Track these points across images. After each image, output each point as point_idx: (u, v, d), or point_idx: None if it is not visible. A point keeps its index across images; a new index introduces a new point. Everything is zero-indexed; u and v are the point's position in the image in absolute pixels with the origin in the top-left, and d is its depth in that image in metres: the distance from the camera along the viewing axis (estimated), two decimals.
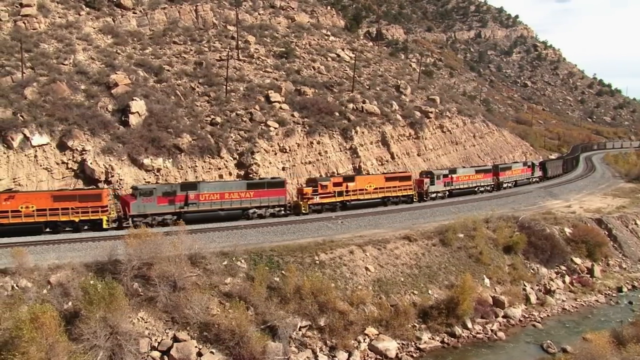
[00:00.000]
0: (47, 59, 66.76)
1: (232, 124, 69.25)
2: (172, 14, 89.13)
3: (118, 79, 66.11)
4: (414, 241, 49.58)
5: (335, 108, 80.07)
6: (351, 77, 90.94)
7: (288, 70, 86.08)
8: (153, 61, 75.87)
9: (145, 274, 37.36)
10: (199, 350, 34.33)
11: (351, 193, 62.22)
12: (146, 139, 60.80)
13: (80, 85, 64.63)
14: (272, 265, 41.51)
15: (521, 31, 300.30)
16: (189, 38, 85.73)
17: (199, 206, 53.06)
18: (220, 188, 54.85)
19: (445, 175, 74.01)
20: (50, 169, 55.39)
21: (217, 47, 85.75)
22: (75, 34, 74.72)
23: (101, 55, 72.32)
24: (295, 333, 37.30)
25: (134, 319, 34.77)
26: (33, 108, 57.88)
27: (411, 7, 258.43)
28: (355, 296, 40.91)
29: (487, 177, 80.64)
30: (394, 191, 66.67)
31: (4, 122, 55.08)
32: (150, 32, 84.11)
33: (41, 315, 29.19)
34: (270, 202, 56.93)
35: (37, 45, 69.15)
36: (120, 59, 73.36)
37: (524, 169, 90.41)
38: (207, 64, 79.41)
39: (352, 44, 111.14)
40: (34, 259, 37.20)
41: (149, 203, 51.04)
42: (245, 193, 55.65)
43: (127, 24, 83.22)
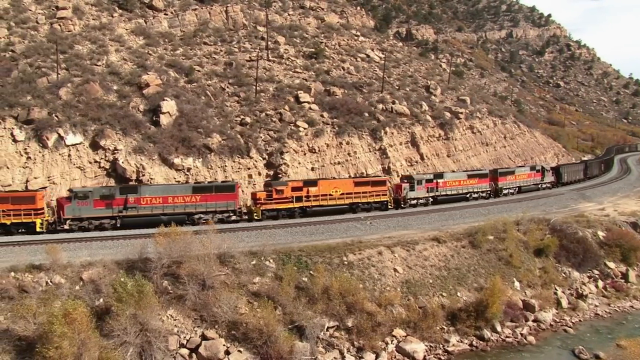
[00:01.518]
0: (81, 60, 68.03)
1: (261, 124, 69.60)
2: (202, 15, 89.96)
3: (149, 79, 66.99)
4: (443, 243, 49.06)
5: (365, 108, 79.88)
6: (381, 77, 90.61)
7: (317, 70, 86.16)
8: (184, 62, 76.69)
9: (174, 272, 37.69)
10: (227, 349, 34.46)
11: (312, 199, 57.30)
12: (176, 138, 61.49)
13: (112, 85, 65.69)
14: (300, 265, 41.46)
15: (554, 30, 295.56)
16: (219, 39, 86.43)
17: (139, 210, 50.24)
18: (163, 192, 51.74)
19: (429, 180, 67.46)
20: (83, 168, 56.45)
21: (247, 48, 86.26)
22: (108, 35, 76.02)
23: (133, 56, 73.40)
24: (322, 333, 37.21)
25: (163, 317, 35.09)
26: (67, 108, 59.11)
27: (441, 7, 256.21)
28: (383, 297, 40.65)
29: (483, 182, 73.22)
30: (365, 197, 60.80)
31: (40, 122, 56.41)
32: (181, 33, 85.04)
33: (73, 311, 29.73)
34: (218, 207, 53.21)
35: (72, 47, 70.47)
36: (152, 59, 74.32)
37: (532, 174, 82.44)
38: (237, 64, 79.95)
39: (381, 45, 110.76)
40: (67, 256, 37.86)
41: (85, 206, 48.65)
42: (191, 197, 52.25)
43: (158, 25, 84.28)
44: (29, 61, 65.48)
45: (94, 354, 29.90)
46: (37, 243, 41.72)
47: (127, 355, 31.27)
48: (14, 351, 31.03)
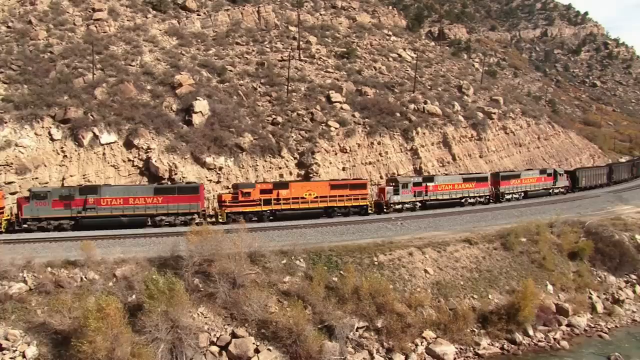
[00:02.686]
0: (116, 61, 69.20)
1: (293, 123, 69.85)
2: (234, 15, 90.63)
3: (182, 79, 67.77)
4: (474, 244, 48.49)
5: (396, 108, 79.51)
6: (412, 77, 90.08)
7: (349, 70, 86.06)
8: (216, 62, 77.38)
9: (205, 270, 38.01)
10: (257, 347, 34.60)
11: (282, 202, 55.02)
12: (209, 138, 62.11)
13: (146, 85, 66.68)
14: (330, 265, 41.45)
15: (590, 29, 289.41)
16: (251, 39, 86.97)
17: (98, 211, 49.18)
18: (124, 192, 50.65)
19: (417, 184, 63.23)
20: (117, 167, 57.45)
21: (278, 48, 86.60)
22: (142, 36, 77.16)
23: (166, 57, 74.35)
24: (352, 333, 37.10)
25: (194, 314, 35.44)
26: (102, 108, 60.25)
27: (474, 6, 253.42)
28: (413, 298, 40.33)
29: (482, 186, 68.58)
30: (342, 201, 57.83)
31: (76, 121, 57.64)
32: (213, 33, 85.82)
33: (106, 306, 30.29)
34: (180, 209, 51.62)
35: (107, 48, 71.71)
36: (185, 59, 75.15)
37: (541, 178, 76.39)
38: (268, 64, 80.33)
39: (413, 44, 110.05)
40: (101, 252, 38.48)
41: (43, 207, 47.79)
42: (153, 199, 50.85)
43: (191, 26, 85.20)
44: (66, 62, 66.90)
45: (126, 349, 30.38)
46: (72, 240, 42.54)
47: (158, 352, 31.66)
48: (50, 344, 31.87)
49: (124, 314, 31.67)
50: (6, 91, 60.51)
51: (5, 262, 35.49)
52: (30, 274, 35.66)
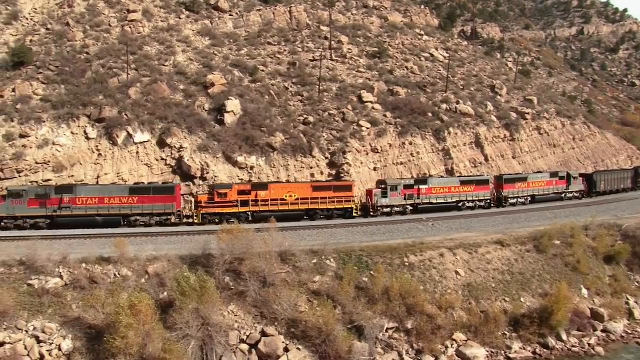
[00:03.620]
0: (150, 61, 70.19)
1: (324, 123, 69.83)
2: (266, 15, 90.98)
3: (215, 79, 68.38)
4: (506, 246, 47.78)
5: (428, 108, 78.88)
6: (445, 77, 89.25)
7: (381, 70, 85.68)
8: (248, 62, 77.80)
9: (236, 269, 38.32)
10: (286, 346, 34.78)
11: (261, 203, 53.32)
12: (240, 137, 62.55)
13: (179, 85, 67.47)
14: (361, 265, 41.35)
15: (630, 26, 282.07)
16: (283, 39, 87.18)
17: (73, 210, 49.04)
18: (99, 192, 50.34)
19: (408, 186, 60.36)
20: (151, 165, 58.29)
21: (310, 48, 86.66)
22: (176, 36, 78.07)
23: (199, 57, 75.07)
24: (381, 334, 37.00)
25: (224, 312, 35.76)
26: (136, 107, 61.26)
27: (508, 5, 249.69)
28: (444, 300, 39.98)
29: (482, 190, 65.00)
30: (325, 203, 55.70)
31: (111, 121, 58.75)
32: (245, 33, 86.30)
33: (139, 303, 30.82)
34: (155, 210, 50.93)
35: (141, 48, 72.79)
36: (217, 59, 75.76)
37: (552, 181, 71.69)
38: (300, 64, 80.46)
39: (446, 44, 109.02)
40: (134, 250, 39.18)
41: (19, 205, 48.07)
42: (128, 199, 50.26)
43: (223, 26, 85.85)
44: (102, 62, 68.14)
45: (158, 346, 30.85)
46: (106, 237, 43.26)
47: (189, 349, 32.07)
48: (84, 338, 32.65)
49: (156, 311, 32.28)
50: (44, 91, 62.02)
51: (43, 258, 36.54)
52: (66, 270, 36.57)
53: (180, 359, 30.90)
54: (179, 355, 30.84)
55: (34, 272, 36.14)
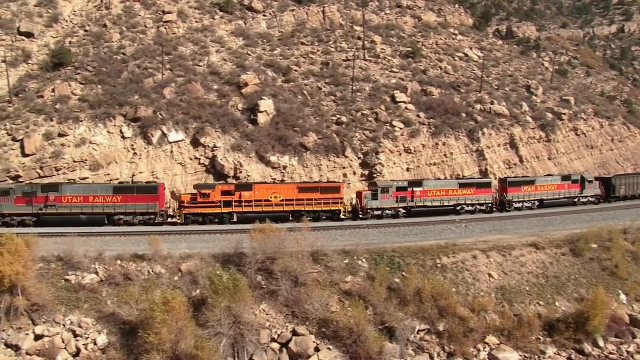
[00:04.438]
0: (184, 61, 71.06)
1: (357, 123, 69.67)
2: (300, 15, 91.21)
3: (248, 79, 68.83)
4: (541, 249, 46.83)
5: (462, 109, 78.02)
6: (479, 77, 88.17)
7: (414, 70, 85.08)
8: (281, 61, 78.09)
9: (268, 268, 38.48)
10: (317, 346, 34.79)
11: (244, 204, 52.27)
12: (273, 137, 62.82)
13: (213, 85, 68.11)
14: (392, 265, 41.11)
15: None
16: (316, 39, 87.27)
17: (58, 208, 49.55)
18: (83, 191, 50.50)
19: (401, 188, 57.61)
20: (184, 164, 58.98)
21: (343, 48, 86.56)
22: (210, 36, 78.86)
23: (233, 57, 75.68)
24: (412, 336, 36.70)
25: (256, 311, 35.95)
26: (170, 107, 62.09)
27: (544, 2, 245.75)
28: (476, 302, 39.40)
29: (483, 192, 61.30)
30: (310, 205, 53.97)
31: (146, 120, 59.69)
32: (279, 33, 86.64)
33: (172, 300, 31.25)
34: (138, 209, 50.72)
35: (176, 48, 73.77)
36: (251, 59, 76.24)
37: (563, 185, 66.56)
38: (333, 64, 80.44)
39: (480, 43, 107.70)
40: (168, 247, 39.71)
41: (6, 203, 48.97)
42: (112, 197, 50.33)
43: (257, 26, 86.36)
44: (137, 62, 69.27)
45: (190, 342, 31.21)
46: (140, 234, 43.91)
47: (220, 346, 32.34)
48: (119, 333, 33.35)
49: (188, 308, 32.67)
50: (82, 91, 63.41)
51: (79, 254, 37.45)
52: (101, 266, 37.35)
53: (212, 356, 31.17)
54: (211, 353, 31.12)
55: (71, 268, 37.12)
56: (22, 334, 33.19)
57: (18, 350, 32.45)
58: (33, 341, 32.96)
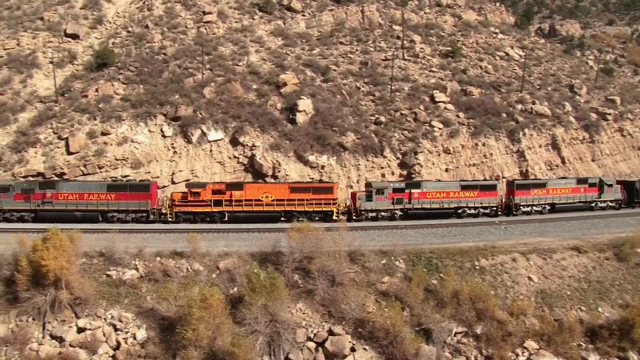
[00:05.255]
0: (224, 61, 71.83)
1: (396, 123, 69.24)
2: (339, 15, 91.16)
3: (287, 78, 69.12)
4: (583, 253, 45.52)
5: (503, 109, 76.72)
6: (520, 76, 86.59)
7: (454, 69, 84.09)
8: (320, 61, 78.19)
9: (305, 267, 38.51)
10: (353, 346, 34.64)
11: (235, 204, 51.80)
12: (312, 136, 62.94)
13: (252, 84, 68.65)
14: (430, 267, 40.67)
15: None
16: (355, 38, 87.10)
17: (54, 205, 50.44)
18: (79, 188, 51.34)
19: (397, 190, 55.75)
20: (223, 163, 59.61)
21: (382, 47, 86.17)
22: (249, 37, 79.58)
23: (272, 57, 76.13)
24: (450, 338, 36.21)
25: (292, 309, 36.00)
26: (210, 106, 62.87)
27: None
28: (515, 306, 38.60)
29: (487, 195, 58.55)
30: (302, 205, 52.71)
31: (186, 119, 60.53)
32: (317, 33, 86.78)
33: (210, 297, 31.55)
34: (130, 207, 51.11)
35: (216, 49, 74.63)
36: (290, 59, 76.55)
37: (579, 189, 62.39)
38: (372, 63, 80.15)
39: (522, 42, 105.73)
40: (206, 245, 40.13)
41: (6, 199, 50.37)
42: (106, 195, 50.93)
43: (296, 26, 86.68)
44: (178, 63, 70.38)
45: (227, 339, 31.49)
46: (179, 232, 44.51)
47: (257, 344, 32.53)
48: (158, 328, 33.94)
49: (226, 305, 32.91)
50: (124, 91, 64.75)
51: (120, 250, 38.18)
52: (141, 262, 38.03)
53: (248, 353, 31.32)
54: (247, 350, 31.27)
55: (112, 264, 37.88)
56: (65, 327, 34.12)
57: (62, 342, 33.43)
58: (76, 334, 33.86)
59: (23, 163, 57.50)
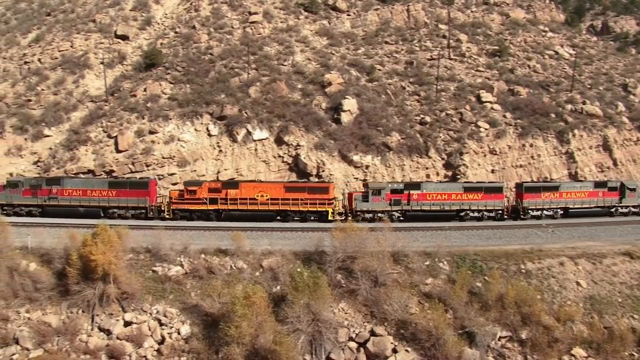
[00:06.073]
0: (269, 61, 72.40)
1: (441, 123, 68.42)
2: (384, 14, 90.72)
3: (332, 78, 69.16)
4: (636, 258, 43.83)
5: (551, 109, 74.89)
6: (570, 75, 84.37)
7: (501, 69, 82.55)
8: (365, 61, 77.96)
9: (348, 267, 38.42)
10: (395, 347, 34.40)
11: (230, 202, 51.84)
12: (356, 136, 62.80)
13: (297, 84, 68.94)
14: (475, 269, 40.04)
15: None
16: (400, 38, 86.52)
17: (59, 201, 52.26)
18: (82, 185, 53.02)
19: (395, 191, 54.10)
20: (268, 162, 60.03)
21: (428, 47, 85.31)
22: (294, 36, 80.00)
23: (317, 56, 76.32)
24: (494, 343, 35.54)
25: (334, 309, 35.95)
26: (256, 105, 63.41)
27: None
28: (562, 311, 37.56)
29: (493, 198, 55.86)
30: (296, 205, 52.24)
31: (231, 118, 61.25)
32: (363, 32, 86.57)
33: (253, 295, 31.82)
34: (129, 203, 52.24)
35: (261, 48, 75.32)
36: (335, 59, 76.58)
37: (597, 193, 58.74)
38: (417, 63, 79.46)
39: (572, 40, 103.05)
40: (250, 243, 40.47)
41: (15, 194, 52.46)
42: (107, 192, 52.35)
43: (341, 26, 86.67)
44: (224, 62, 71.31)
45: (269, 337, 31.67)
46: (224, 229, 45.03)
47: (298, 342, 32.63)
48: (201, 324, 34.52)
49: (268, 304, 33.10)
50: (172, 90, 65.96)
51: (166, 247, 38.93)
52: (186, 259, 38.65)
53: (290, 352, 31.40)
54: (289, 348, 31.35)
55: (158, 260, 38.63)
56: (113, 320, 35.02)
57: (110, 334, 34.36)
58: (123, 327, 34.72)
59: (75, 160, 59.26)
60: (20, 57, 79.53)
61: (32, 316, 35.19)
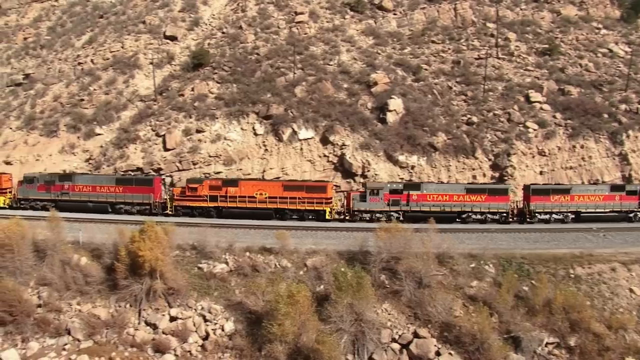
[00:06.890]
0: (315, 60, 72.56)
1: (488, 124, 67.26)
2: (431, 13, 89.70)
3: (378, 78, 68.85)
4: None
5: (604, 109, 72.67)
6: (625, 74, 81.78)
7: (551, 68, 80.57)
8: (411, 60, 77.31)
9: (392, 268, 38.19)
10: (438, 350, 33.99)
11: (230, 200, 52.51)
12: (402, 136, 62.37)
13: (342, 84, 68.88)
14: (521, 273, 39.19)
15: None
16: (447, 37, 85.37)
17: (71, 196, 54.43)
18: (92, 181, 55.05)
19: (394, 191, 53.20)
20: (313, 161, 60.19)
21: (475, 46, 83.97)
22: (340, 36, 79.90)
23: (363, 56, 76.08)
24: (540, 349, 34.65)
25: (378, 310, 35.79)
26: (301, 105, 63.75)
27: None
28: (614, 319, 36.33)
29: (497, 200, 54.42)
30: (294, 204, 52.27)
31: (277, 118, 61.71)
32: (409, 32, 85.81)
33: (297, 293, 31.87)
34: (135, 200, 53.95)
35: (307, 48, 75.55)
36: (380, 58, 76.19)
37: (613, 196, 56.10)
38: (465, 62, 78.32)
39: (628, 37, 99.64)
40: (294, 242, 40.70)
41: (32, 189, 55.46)
42: (115, 188, 54.25)
43: (387, 25, 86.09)
44: (270, 62, 71.88)
45: (312, 336, 31.74)
46: (269, 228, 45.37)
47: (341, 342, 32.55)
48: (245, 322, 34.89)
49: (312, 303, 33.16)
50: (219, 90, 66.89)
51: (211, 244, 39.56)
52: (231, 257, 39.16)
53: (333, 351, 31.33)
54: (332, 348, 31.29)
55: (204, 257, 39.29)
56: (159, 315, 35.82)
57: (156, 329, 35.17)
58: (168, 322, 35.44)
59: (124, 158, 60.81)
60: (74, 58, 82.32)
61: (82, 309, 36.43)
